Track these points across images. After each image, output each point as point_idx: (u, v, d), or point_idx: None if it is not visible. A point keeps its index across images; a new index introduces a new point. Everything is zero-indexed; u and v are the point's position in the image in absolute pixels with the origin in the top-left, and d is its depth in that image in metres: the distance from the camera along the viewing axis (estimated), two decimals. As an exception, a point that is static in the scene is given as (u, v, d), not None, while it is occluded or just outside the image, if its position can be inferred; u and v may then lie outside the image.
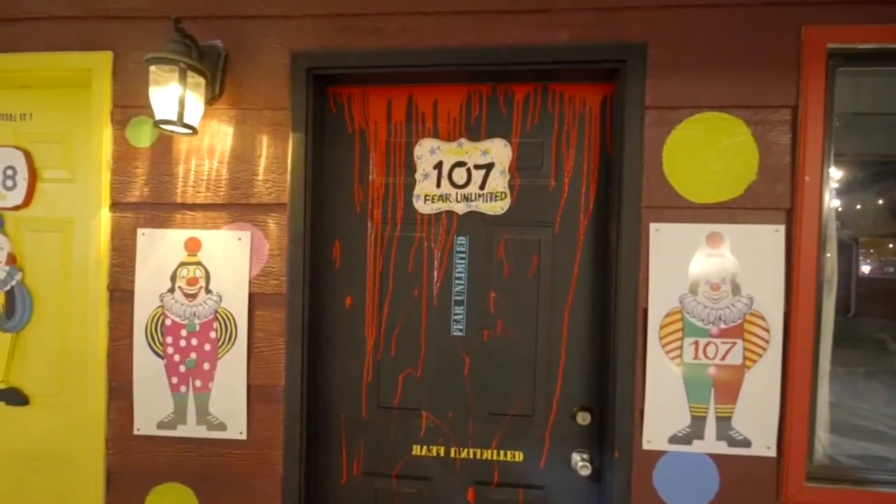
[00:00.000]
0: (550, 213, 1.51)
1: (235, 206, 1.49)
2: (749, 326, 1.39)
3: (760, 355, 1.39)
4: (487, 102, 1.51)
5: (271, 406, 1.51)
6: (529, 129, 1.51)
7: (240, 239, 1.48)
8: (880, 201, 1.86)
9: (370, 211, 1.57)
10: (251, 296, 1.49)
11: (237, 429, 1.51)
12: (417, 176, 1.53)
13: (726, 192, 1.37)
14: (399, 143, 1.55)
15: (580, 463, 1.51)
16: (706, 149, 1.36)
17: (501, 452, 1.57)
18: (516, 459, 1.57)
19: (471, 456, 1.58)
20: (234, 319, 1.49)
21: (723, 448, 1.41)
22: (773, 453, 1.40)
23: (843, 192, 1.57)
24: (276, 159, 1.47)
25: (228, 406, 1.50)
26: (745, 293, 1.38)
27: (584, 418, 1.53)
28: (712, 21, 1.36)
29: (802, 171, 1.33)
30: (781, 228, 1.36)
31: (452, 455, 1.58)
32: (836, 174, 1.44)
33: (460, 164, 1.51)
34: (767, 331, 1.39)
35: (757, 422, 1.40)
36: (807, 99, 1.31)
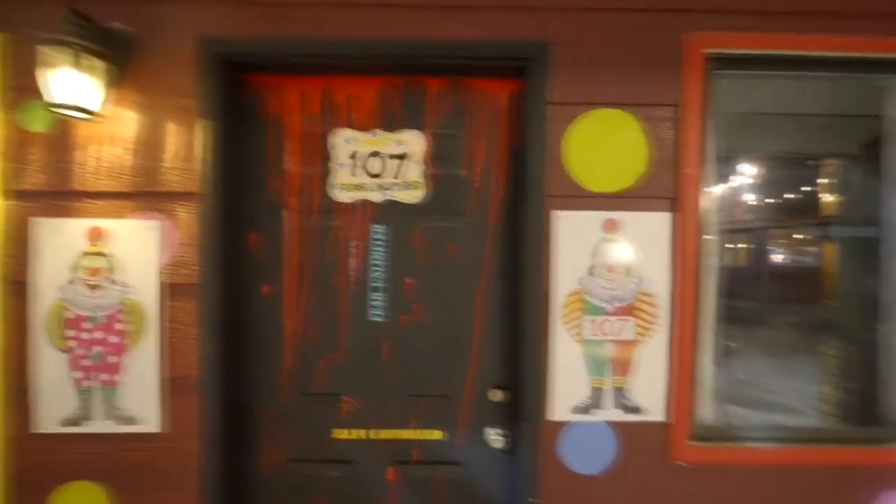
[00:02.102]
0: (464, 202, 1.59)
1: (142, 195, 1.45)
2: (640, 305, 1.53)
3: (650, 331, 1.54)
4: (402, 95, 1.56)
5: (187, 397, 1.49)
6: (443, 121, 1.57)
7: (148, 228, 1.45)
8: (764, 195, 2.08)
9: (287, 200, 1.57)
10: (163, 286, 1.47)
11: (151, 422, 1.48)
12: (333, 165, 1.55)
13: (621, 183, 1.49)
14: (314, 133, 1.56)
15: (494, 437, 1.61)
16: (603, 142, 1.48)
17: (421, 432, 1.64)
18: (435, 438, 1.64)
19: (391, 437, 1.64)
20: (143, 310, 1.46)
21: (619, 416, 1.55)
22: (662, 418, 1.55)
23: (722, 184, 1.75)
24: (186, 147, 1.45)
25: (140, 399, 1.47)
26: (637, 275, 1.52)
27: (497, 395, 1.63)
28: (607, 25, 1.47)
29: (684, 164, 1.48)
30: (668, 216, 1.50)
31: (373, 437, 1.63)
32: (719, 168, 1.61)
33: (375, 153, 1.55)
34: (656, 308, 1.53)
35: (648, 391, 1.55)
36: (687, 99, 1.46)
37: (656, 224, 1.51)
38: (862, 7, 1.50)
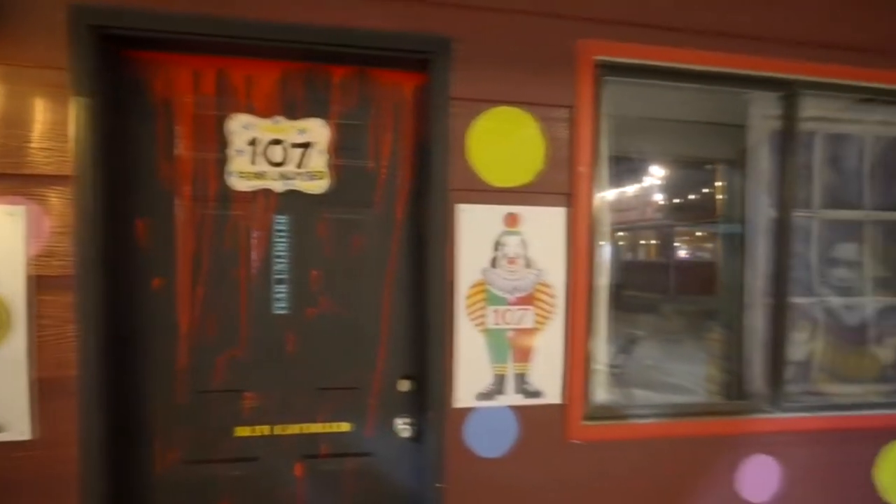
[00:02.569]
0: (370, 193, 1.58)
1: (4, 177, 1.30)
2: (539, 295, 1.62)
3: (548, 319, 1.63)
4: (304, 82, 1.52)
5: (64, 400, 1.37)
6: (348, 111, 1.55)
7: (11, 214, 1.30)
8: (658, 194, 2.26)
9: (179, 187, 1.48)
10: (30, 278, 1.33)
11: (19, 429, 1.34)
12: (231, 152, 1.48)
13: (521, 178, 1.57)
14: (209, 116, 1.48)
15: (402, 427, 1.64)
16: (503, 139, 1.54)
17: (329, 425, 1.63)
18: (343, 430, 1.64)
19: (298, 431, 1.61)
20: (7, 306, 1.31)
21: (520, 400, 1.63)
22: (559, 400, 1.66)
23: (616, 183, 1.89)
24: (56, 126, 1.31)
25: (4, 404, 1.33)
26: (536, 266, 1.61)
27: (405, 385, 1.65)
28: (507, 25, 1.53)
29: (577, 163, 1.57)
30: (563, 211, 1.60)
31: (278, 432, 1.59)
32: (612, 168, 1.73)
33: (276, 141, 1.50)
34: (554, 298, 1.63)
35: (547, 375, 1.65)
36: (579, 101, 1.56)
37: (553, 218, 1.60)
38: (731, 29, 1.68)
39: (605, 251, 1.76)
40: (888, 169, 2.03)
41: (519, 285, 1.60)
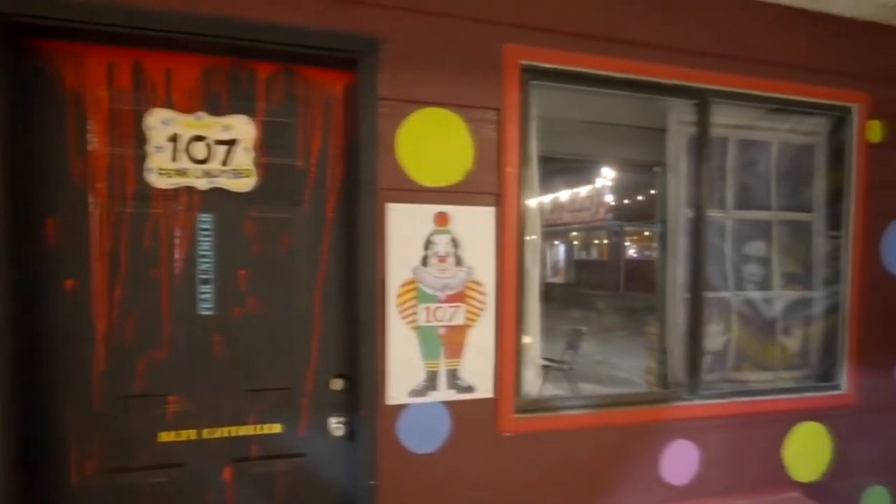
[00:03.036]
0: (299, 192, 1.57)
1: None
2: (470, 292, 1.66)
3: (479, 316, 1.68)
4: (228, 78, 1.49)
5: (-38, 410, 1.28)
6: (275, 108, 1.53)
7: None
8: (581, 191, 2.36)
9: (93, 184, 1.42)
10: (-78, 281, 1.24)
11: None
12: (149, 148, 1.43)
13: (450, 178, 1.60)
14: (125, 111, 1.42)
15: (335, 426, 1.64)
16: (432, 139, 1.57)
17: (259, 427, 1.60)
18: (275, 432, 1.62)
19: (227, 435, 1.57)
20: None
21: (453, 395, 1.67)
22: (491, 395, 1.71)
23: (546, 183, 1.96)
24: (-51, 117, 1.23)
25: None
26: (467, 264, 1.65)
27: (338, 384, 1.65)
28: (436, 28, 1.56)
29: (505, 164, 1.63)
30: (492, 210, 1.65)
31: (206, 436, 1.56)
32: (541, 168, 1.80)
33: (199, 138, 1.46)
34: (484, 295, 1.67)
35: (479, 370, 1.69)
36: (506, 104, 1.61)
37: (482, 217, 1.64)
38: (649, 39, 1.79)
39: (536, 249, 1.82)
40: (795, 173, 2.22)
41: (450, 283, 1.63)
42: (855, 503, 2.19)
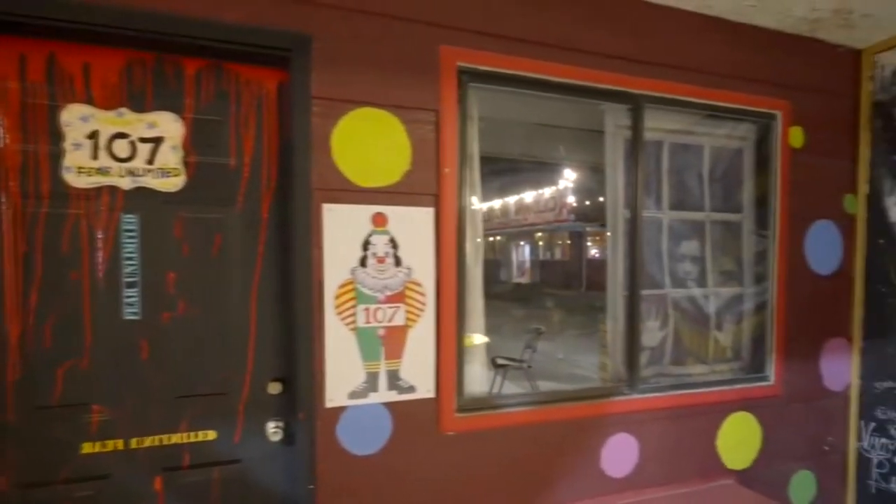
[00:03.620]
0: (232, 192, 1.53)
1: None
2: (409, 293, 1.66)
3: (419, 316, 1.68)
4: (153, 73, 1.44)
5: None
6: (205, 106, 1.49)
7: None
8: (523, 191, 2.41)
9: (4, 183, 1.34)
10: None
11: None
12: (66, 145, 1.37)
13: (387, 178, 1.60)
14: (39, 105, 1.35)
15: (273, 430, 1.60)
16: (369, 140, 1.57)
17: (192, 434, 1.55)
18: (209, 438, 1.57)
19: (156, 443, 1.52)
20: None
21: (394, 396, 1.66)
22: (432, 394, 1.71)
23: (488, 183, 1.98)
24: None
25: None
26: (406, 264, 1.65)
27: (276, 388, 1.62)
28: (371, 27, 1.55)
29: (443, 164, 1.64)
30: (431, 210, 1.65)
31: (134, 446, 1.50)
32: (476, 168, 1.82)
33: (122, 135, 1.40)
34: (424, 295, 1.68)
35: (419, 371, 1.69)
36: (444, 105, 1.62)
37: (421, 218, 1.65)
38: (585, 45, 1.83)
39: (479, 248, 1.84)
40: (727, 176, 2.33)
41: (389, 284, 1.63)
42: (783, 488, 2.32)
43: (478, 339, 2.00)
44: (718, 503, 2.04)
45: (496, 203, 16.98)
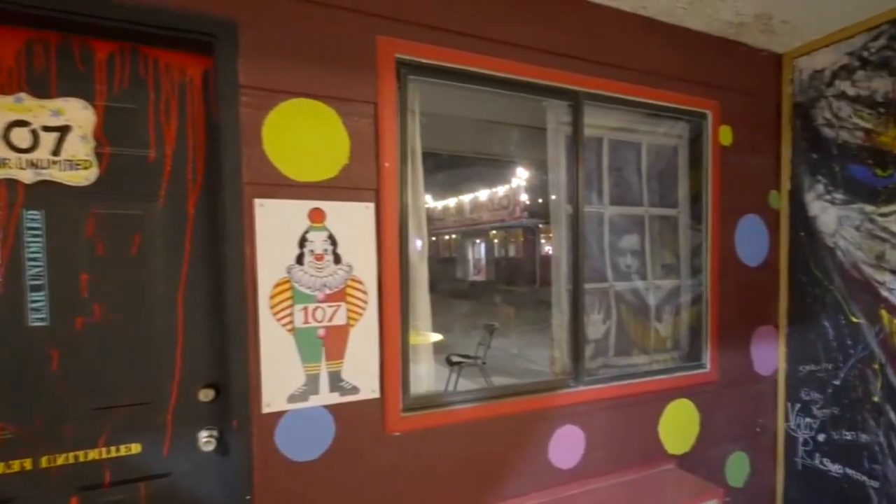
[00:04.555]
0: (154, 186, 1.43)
1: None
2: (350, 290, 1.61)
3: (361, 315, 1.63)
4: (58, 55, 1.31)
5: None
6: (118, 92, 1.37)
7: None
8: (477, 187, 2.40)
9: None
10: None
11: None
12: (-46, 133, 1.23)
13: (324, 173, 1.54)
14: (-82, 87, 1.21)
15: (205, 439, 1.51)
16: (304, 132, 1.50)
17: (113, 449, 1.44)
18: (133, 452, 1.46)
19: (71, 461, 1.39)
20: None
21: (336, 398, 1.61)
22: (377, 395, 1.67)
23: (438, 181, 1.96)
24: None
25: None
26: (346, 262, 1.59)
27: (209, 395, 1.53)
28: (303, 14, 1.49)
29: (383, 159, 1.60)
30: (371, 206, 1.61)
31: (45, 465, 1.36)
32: (419, 163, 1.79)
33: (22, 123, 1.27)
34: (366, 293, 1.63)
35: (363, 371, 1.64)
36: (382, 98, 1.58)
37: (361, 214, 1.60)
38: (525, 41, 1.84)
39: (423, 244, 1.81)
40: (665, 172, 2.42)
41: (328, 282, 1.57)
42: (720, 469, 2.43)
43: (433, 337, 1.97)
44: (661, 488, 2.11)
45: (451, 201, 17.04)
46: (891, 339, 2.09)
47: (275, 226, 1.48)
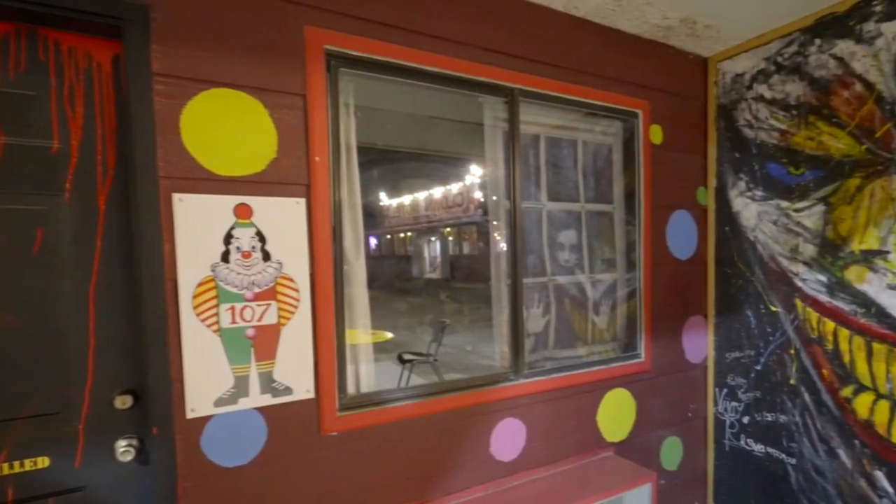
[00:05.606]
0: (58, 179, 1.32)
1: None
2: (281, 289, 1.56)
3: (293, 313, 1.58)
4: (-62, 33, 1.20)
5: None
6: (14, 77, 1.26)
7: None
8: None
9: None
10: None
11: None
12: None
13: (251, 167, 1.48)
14: None
15: (123, 449, 1.42)
16: (228, 124, 1.43)
17: (17, 464, 1.32)
18: (40, 467, 1.35)
19: (-35, 480, 1.27)
20: None
21: (268, 400, 1.55)
22: (312, 395, 1.62)
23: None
24: None
25: None
26: (276, 259, 1.54)
27: (125, 402, 1.44)
28: (224, 0, 1.42)
29: (313, 153, 1.55)
30: (302, 201, 1.56)
31: (-67, 486, 1.24)
32: (354, 158, 1.75)
33: None
34: (298, 291, 1.59)
35: (296, 371, 1.60)
36: (311, 90, 1.54)
37: (291, 209, 1.55)
38: (460, 37, 1.85)
39: (359, 241, 1.78)
40: (601, 169, 2.49)
41: (257, 280, 1.52)
42: (656, 454, 2.55)
43: (385, 335, 1.94)
44: (599, 474, 2.18)
45: (406, 199, 16.95)
46: (804, 326, 2.25)
47: (197, 222, 1.41)
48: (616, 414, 2.38)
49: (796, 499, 2.31)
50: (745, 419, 2.52)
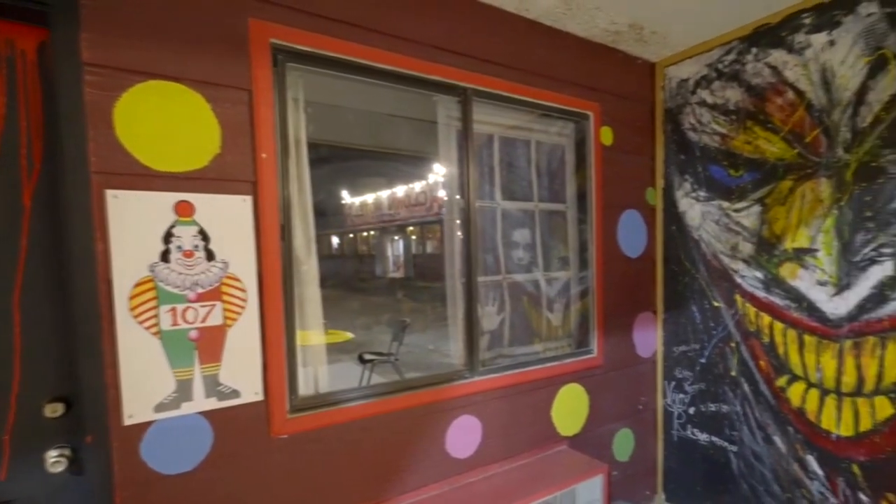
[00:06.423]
0: (-24, 174, 1.24)
1: None
2: (226, 289, 1.51)
3: (240, 314, 1.54)
4: None
5: None
6: (-77, 64, 1.18)
7: None
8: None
9: None
10: None
11: None
12: None
13: (192, 163, 1.43)
14: None
15: (54, 460, 1.34)
16: (166, 118, 1.38)
17: (-69, 480, 1.23)
18: (-41, 481, 1.26)
19: None
20: None
21: (213, 404, 1.50)
22: (261, 397, 1.58)
23: (322, 170, 1.91)
24: None
25: None
26: (220, 258, 1.49)
27: (56, 409, 1.36)
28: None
29: (260, 149, 1.52)
30: (249, 199, 1.52)
31: None
32: (304, 155, 1.72)
33: None
34: (245, 291, 1.54)
35: (243, 373, 1.55)
36: (257, 85, 1.50)
37: (237, 207, 1.50)
38: (412, 35, 1.84)
39: (310, 240, 1.75)
40: (554, 169, 2.55)
41: (200, 280, 1.47)
42: (609, 446, 2.63)
43: (345, 335, 1.90)
44: (554, 468, 2.23)
45: (369, 197, 16.77)
46: (744, 320, 2.37)
47: (133, 220, 1.35)
48: (570, 409, 2.44)
49: (737, 484, 2.43)
50: (692, 410, 2.64)
